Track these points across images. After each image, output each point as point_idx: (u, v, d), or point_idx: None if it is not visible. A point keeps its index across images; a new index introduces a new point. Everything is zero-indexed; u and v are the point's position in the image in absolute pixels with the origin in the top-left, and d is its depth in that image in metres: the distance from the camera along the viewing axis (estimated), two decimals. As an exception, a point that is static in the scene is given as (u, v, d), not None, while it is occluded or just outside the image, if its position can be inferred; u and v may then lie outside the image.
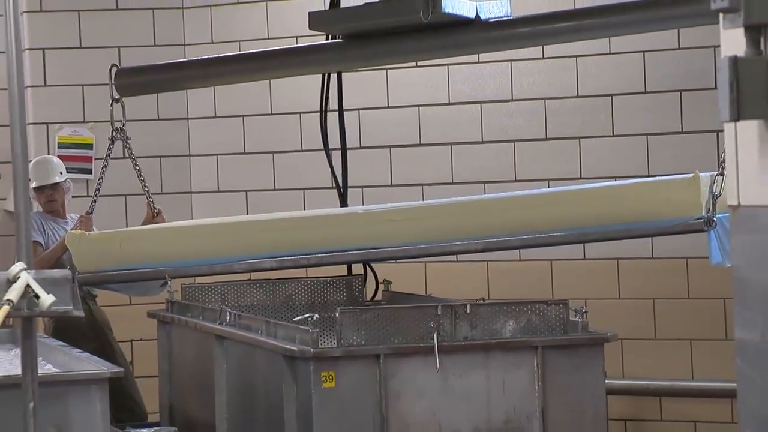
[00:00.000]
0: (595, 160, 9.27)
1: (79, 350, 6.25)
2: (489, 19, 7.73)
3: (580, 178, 9.25)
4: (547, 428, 6.60)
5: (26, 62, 9.41)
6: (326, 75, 8.74)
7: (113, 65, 8.43)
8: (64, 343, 6.58)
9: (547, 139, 9.50)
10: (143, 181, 8.91)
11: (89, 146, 10.31)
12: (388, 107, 9.96)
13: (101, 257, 8.19)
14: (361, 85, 9.85)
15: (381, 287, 8.64)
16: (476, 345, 6.66)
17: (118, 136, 8.73)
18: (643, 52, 9.14)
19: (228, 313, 7.60)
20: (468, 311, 6.70)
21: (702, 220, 6.91)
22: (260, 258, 7.85)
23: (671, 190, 7.16)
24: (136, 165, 8.82)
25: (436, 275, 9.58)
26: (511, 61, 9.49)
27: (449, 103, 9.79)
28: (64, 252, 8.78)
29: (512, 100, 9.58)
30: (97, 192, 8.72)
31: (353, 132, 9.56)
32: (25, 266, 4.92)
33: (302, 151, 10.14)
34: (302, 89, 9.88)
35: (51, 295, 4.88)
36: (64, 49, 10.24)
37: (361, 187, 9.65)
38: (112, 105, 8.54)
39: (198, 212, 10.26)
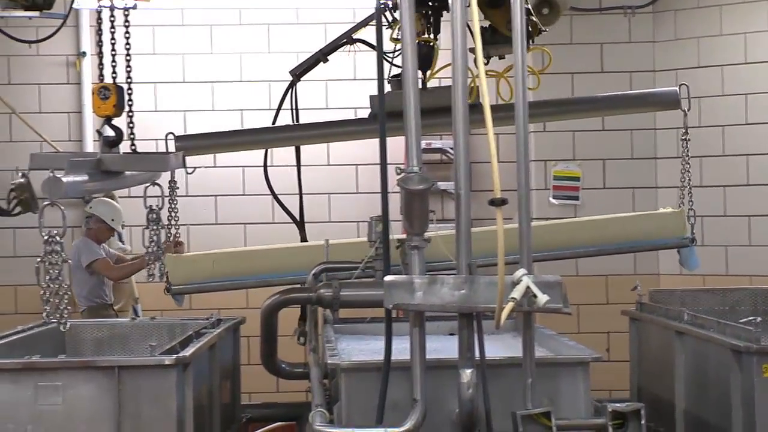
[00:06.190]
0: None
1: (567, 338, 6.19)
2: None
3: None
4: None
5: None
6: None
7: (169, 133, 7.72)
8: (555, 332, 6.54)
9: None
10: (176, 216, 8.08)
11: (577, 179, 10.30)
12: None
13: (195, 273, 7.86)
14: None
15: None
16: None
17: (173, 185, 7.94)
18: None
19: (686, 314, 7.45)
20: None
21: (688, 238, 7.84)
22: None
23: (667, 219, 7.94)
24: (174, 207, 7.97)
25: None
26: None
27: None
28: (139, 269, 9.44)
29: None
30: (177, 227, 8.23)
31: None
32: (527, 271, 4.93)
33: (748, 185, 9.82)
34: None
35: (546, 295, 4.87)
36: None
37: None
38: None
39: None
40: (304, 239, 8.45)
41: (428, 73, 7.31)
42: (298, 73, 7.80)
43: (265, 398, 9.98)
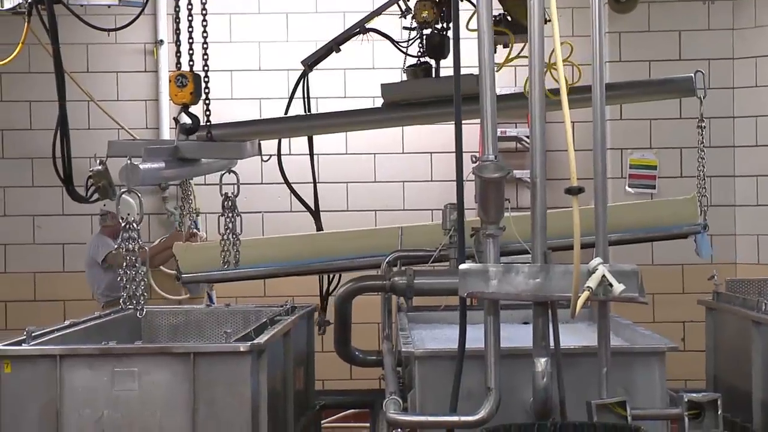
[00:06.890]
0: None
1: (642, 327, 6.14)
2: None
3: None
4: None
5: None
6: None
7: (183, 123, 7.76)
8: (630, 321, 6.49)
9: None
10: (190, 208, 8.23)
11: (654, 167, 10.22)
12: None
13: (206, 262, 7.93)
14: None
15: None
16: None
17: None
18: None
19: (764, 304, 7.35)
20: None
21: (700, 225, 7.80)
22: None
23: (679, 206, 7.94)
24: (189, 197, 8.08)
25: None
26: None
27: None
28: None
29: None
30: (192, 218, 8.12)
31: None
32: (602, 260, 4.89)
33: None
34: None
35: (621, 284, 4.83)
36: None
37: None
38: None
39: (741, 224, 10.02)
40: (319, 228, 8.51)
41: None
42: (310, 63, 7.83)
43: (339, 385, 10.02)
